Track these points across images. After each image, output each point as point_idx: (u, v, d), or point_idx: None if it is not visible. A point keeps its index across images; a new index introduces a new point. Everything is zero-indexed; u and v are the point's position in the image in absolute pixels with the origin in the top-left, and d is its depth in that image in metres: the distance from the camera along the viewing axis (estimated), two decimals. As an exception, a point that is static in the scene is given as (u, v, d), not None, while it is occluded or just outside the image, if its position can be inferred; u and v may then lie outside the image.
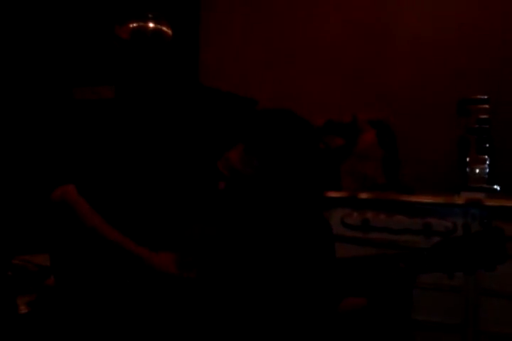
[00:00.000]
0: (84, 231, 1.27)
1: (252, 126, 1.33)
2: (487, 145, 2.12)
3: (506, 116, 2.32)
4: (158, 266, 1.21)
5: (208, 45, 3.03)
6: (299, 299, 1.16)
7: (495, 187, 2.10)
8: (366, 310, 1.23)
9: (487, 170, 2.11)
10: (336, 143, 2.43)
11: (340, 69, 2.71)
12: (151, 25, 2.68)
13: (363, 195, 2.13)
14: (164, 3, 2.78)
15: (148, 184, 1.41)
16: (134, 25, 2.66)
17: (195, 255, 1.22)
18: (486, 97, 2.14)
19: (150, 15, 2.67)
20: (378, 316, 1.26)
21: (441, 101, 2.45)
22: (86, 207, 1.28)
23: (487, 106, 2.13)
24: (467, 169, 2.13)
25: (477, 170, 2.12)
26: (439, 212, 1.99)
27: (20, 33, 2.62)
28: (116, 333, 1.21)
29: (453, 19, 2.51)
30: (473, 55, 2.45)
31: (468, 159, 2.14)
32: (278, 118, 1.33)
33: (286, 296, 1.16)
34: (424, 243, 1.91)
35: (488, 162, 2.11)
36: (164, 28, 2.75)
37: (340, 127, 2.45)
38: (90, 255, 1.26)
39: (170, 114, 2.30)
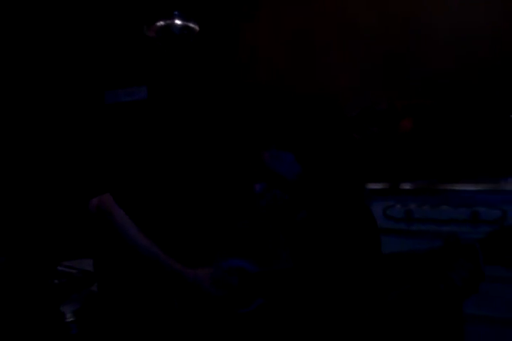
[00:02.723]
0: (124, 241, 1.26)
1: (280, 118, 1.27)
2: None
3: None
4: (195, 284, 1.20)
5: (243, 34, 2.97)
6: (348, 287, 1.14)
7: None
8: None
9: (536, 153, 2.01)
10: (373, 131, 2.36)
11: (374, 58, 2.62)
12: (178, 22, 2.67)
13: (405, 186, 2.06)
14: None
15: (187, 189, 1.39)
16: (161, 23, 2.65)
17: (232, 269, 1.21)
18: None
19: (176, 13, 2.66)
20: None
21: (485, 85, 2.34)
22: (123, 218, 1.27)
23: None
24: (514, 153, 2.04)
25: (525, 154, 2.02)
26: (486, 200, 1.91)
27: (50, 36, 2.65)
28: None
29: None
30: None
31: (514, 143, 2.05)
32: (308, 107, 1.27)
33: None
34: (472, 233, 1.83)
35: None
36: (191, 24, 2.73)
37: (376, 115, 2.37)
38: (131, 263, 1.26)
39: (203, 113, 2.28)
